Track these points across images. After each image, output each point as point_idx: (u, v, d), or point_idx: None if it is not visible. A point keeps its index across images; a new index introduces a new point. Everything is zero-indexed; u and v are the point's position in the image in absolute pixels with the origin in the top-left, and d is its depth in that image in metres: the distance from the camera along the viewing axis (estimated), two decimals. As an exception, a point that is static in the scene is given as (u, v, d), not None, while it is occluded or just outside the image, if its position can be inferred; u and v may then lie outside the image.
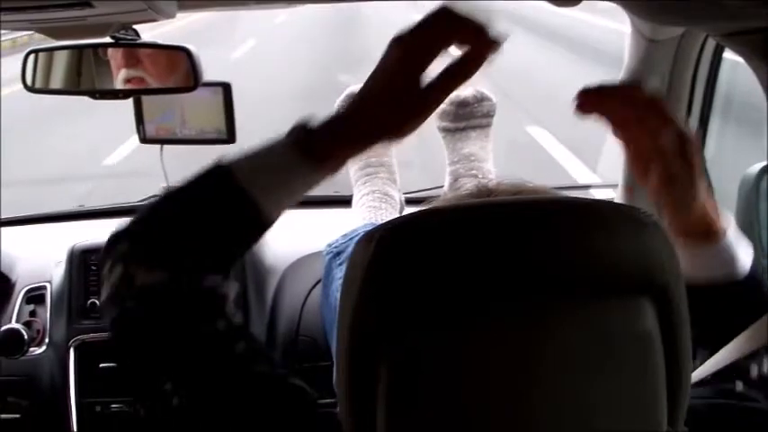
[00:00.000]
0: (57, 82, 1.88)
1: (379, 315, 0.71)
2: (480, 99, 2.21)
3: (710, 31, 1.24)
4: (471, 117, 2.20)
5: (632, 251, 0.71)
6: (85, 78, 1.88)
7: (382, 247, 0.73)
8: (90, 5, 1.36)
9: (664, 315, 0.72)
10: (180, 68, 1.83)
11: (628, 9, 1.05)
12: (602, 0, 1.44)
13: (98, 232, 2.35)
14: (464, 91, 2.20)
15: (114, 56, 1.88)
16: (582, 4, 1.23)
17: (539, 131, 7.86)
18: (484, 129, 2.22)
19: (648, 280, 0.71)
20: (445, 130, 2.23)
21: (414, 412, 0.71)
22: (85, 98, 1.88)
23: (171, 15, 1.57)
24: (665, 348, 0.73)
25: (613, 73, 1.98)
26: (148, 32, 1.76)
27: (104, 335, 2.19)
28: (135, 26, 1.75)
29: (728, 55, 1.92)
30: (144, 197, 2.61)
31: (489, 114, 2.22)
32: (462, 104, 2.19)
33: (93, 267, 2.24)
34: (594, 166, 2.46)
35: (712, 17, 1.00)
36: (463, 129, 2.20)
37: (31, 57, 1.84)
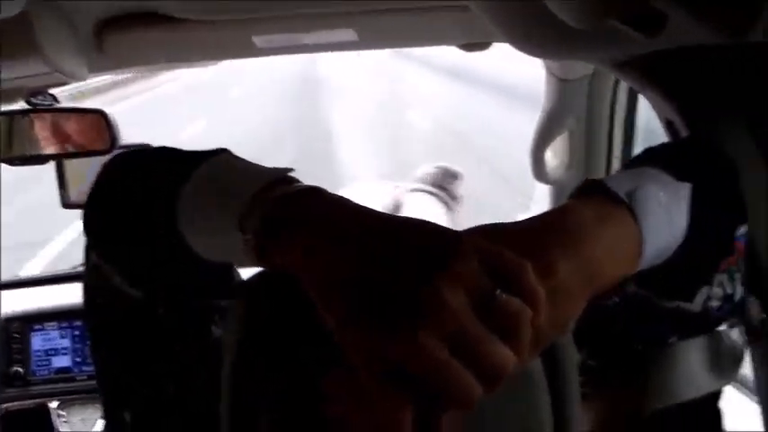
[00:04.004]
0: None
1: (257, 369, 0.71)
2: (452, 175, 2.20)
3: (599, 63, 1.26)
4: (435, 183, 2.18)
5: None
6: (15, 144, 1.86)
7: (255, 300, 0.73)
8: (-7, 70, 1.35)
9: (547, 353, 0.71)
10: (98, 131, 1.82)
11: (520, 49, 1.06)
12: (497, 42, 1.47)
13: (21, 301, 2.34)
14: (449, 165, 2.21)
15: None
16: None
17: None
18: (448, 207, 2.19)
19: None
20: (416, 190, 2.21)
21: None
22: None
23: (82, 78, 1.56)
24: (550, 384, 0.72)
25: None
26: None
27: (29, 403, 2.20)
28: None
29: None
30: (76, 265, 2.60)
31: (451, 194, 2.20)
32: (454, 176, 2.19)
33: (16, 335, 2.23)
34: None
35: (597, 47, 1.01)
36: (429, 192, 2.18)
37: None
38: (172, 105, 17.64)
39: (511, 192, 6.86)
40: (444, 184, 2.17)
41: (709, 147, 0.92)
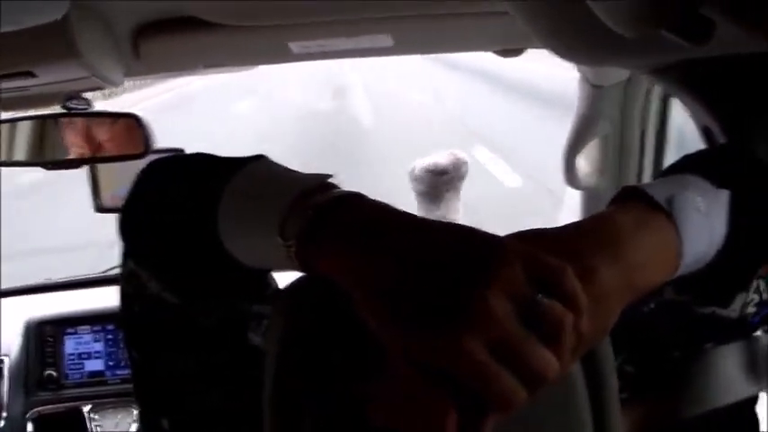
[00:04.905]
0: (21, 154, 1.88)
1: (298, 373, 0.71)
2: (458, 165, 2.20)
3: (638, 69, 1.26)
4: (447, 184, 2.19)
5: None
6: (48, 148, 1.88)
7: (297, 306, 0.72)
8: (33, 75, 1.36)
9: (586, 359, 0.71)
10: (132, 135, 1.83)
11: (561, 55, 1.06)
12: (532, 48, 1.47)
13: (54, 305, 2.37)
14: (441, 158, 2.20)
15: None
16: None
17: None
18: (455, 192, 2.21)
19: None
20: (420, 194, 2.21)
21: None
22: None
23: (117, 83, 1.58)
24: (589, 390, 0.72)
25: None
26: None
27: (61, 406, 2.21)
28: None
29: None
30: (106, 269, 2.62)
31: (463, 177, 2.21)
32: (441, 173, 2.18)
33: (49, 338, 2.24)
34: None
35: (640, 53, 1.01)
36: (436, 194, 2.19)
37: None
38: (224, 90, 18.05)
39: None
40: (436, 183, 2.17)
41: (746, 153, 0.92)
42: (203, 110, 15.82)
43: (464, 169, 2.22)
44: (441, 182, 2.19)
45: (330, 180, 0.74)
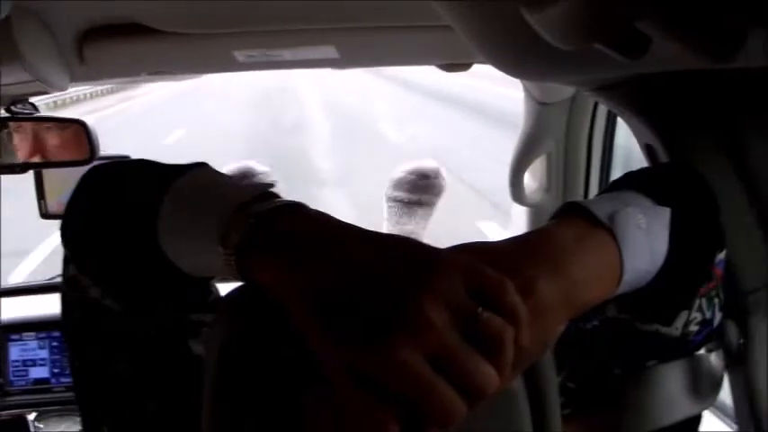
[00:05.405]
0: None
1: (238, 382, 0.71)
2: (438, 175, 2.18)
3: (581, 86, 1.27)
4: (426, 191, 2.16)
5: None
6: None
7: (236, 315, 0.72)
8: (-25, 76, 1.35)
9: (528, 373, 0.71)
10: (78, 141, 1.81)
11: (503, 70, 1.07)
12: (478, 63, 1.47)
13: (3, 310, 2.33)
14: (424, 163, 2.19)
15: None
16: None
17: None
18: (430, 208, 2.19)
19: None
20: (395, 200, 2.18)
21: None
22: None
23: (63, 88, 1.56)
24: (531, 405, 0.72)
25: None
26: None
27: (5, 414, 2.18)
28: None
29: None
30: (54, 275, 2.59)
31: (440, 194, 2.19)
32: (424, 176, 2.16)
33: (-5, 344, 2.21)
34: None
35: (580, 69, 1.02)
36: (414, 202, 2.16)
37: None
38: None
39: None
40: (419, 190, 2.16)
41: (688, 171, 0.93)
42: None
43: (443, 183, 2.20)
44: (421, 187, 2.16)
45: (271, 189, 0.74)
